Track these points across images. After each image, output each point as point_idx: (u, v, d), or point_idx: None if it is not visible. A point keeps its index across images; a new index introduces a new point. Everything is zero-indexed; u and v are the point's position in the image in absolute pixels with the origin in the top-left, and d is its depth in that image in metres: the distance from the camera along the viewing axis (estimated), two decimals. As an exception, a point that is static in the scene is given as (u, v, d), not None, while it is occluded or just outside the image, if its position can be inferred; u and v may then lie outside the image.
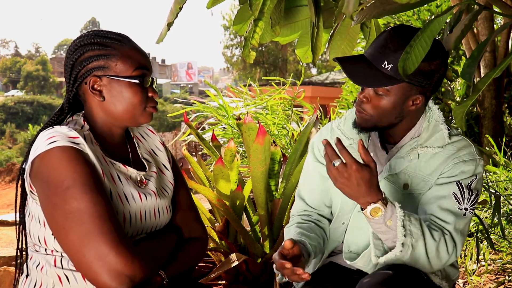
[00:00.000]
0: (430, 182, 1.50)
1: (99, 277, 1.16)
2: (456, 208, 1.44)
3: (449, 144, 1.51)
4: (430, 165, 1.50)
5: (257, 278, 2.51)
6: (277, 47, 26.49)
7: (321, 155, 1.65)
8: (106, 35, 1.33)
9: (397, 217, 1.36)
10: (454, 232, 1.43)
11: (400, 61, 1.34)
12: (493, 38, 1.61)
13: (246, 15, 1.95)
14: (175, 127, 24.72)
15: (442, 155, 1.50)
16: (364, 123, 1.51)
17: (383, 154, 1.57)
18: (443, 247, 1.40)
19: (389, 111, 1.47)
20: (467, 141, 1.53)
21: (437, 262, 1.42)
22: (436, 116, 1.54)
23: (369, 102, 1.48)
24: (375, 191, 1.36)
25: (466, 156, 1.49)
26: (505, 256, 2.79)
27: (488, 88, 4.54)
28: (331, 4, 1.89)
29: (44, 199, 1.21)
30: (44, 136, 1.23)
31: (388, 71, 1.42)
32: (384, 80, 1.43)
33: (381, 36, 1.47)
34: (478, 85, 1.34)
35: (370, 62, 1.45)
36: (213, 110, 4.02)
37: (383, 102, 1.46)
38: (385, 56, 1.43)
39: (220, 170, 2.35)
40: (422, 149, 1.51)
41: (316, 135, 1.71)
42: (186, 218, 1.49)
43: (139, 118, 1.35)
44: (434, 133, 1.52)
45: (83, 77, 1.31)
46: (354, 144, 1.59)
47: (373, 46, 1.48)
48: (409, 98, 1.46)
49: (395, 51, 1.41)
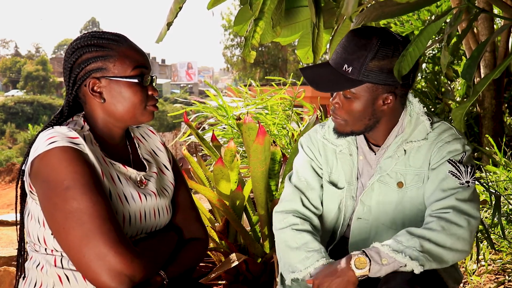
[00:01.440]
0: (423, 174, 1.51)
1: (99, 277, 1.16)
2: (457, 184, 1.45)
3: (430, 133, 1.52)
4: (418, 157, 1.51)
5: (257, 278, 2.51)
6: (277, 47, 26.47)
7: (313, 154, 1.66)
8: (103, 36, 1.32)
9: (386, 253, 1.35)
10: (458, 203, 1.41)
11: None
12: (493, 38, 1.62)
13: (247, 15, 1.95)
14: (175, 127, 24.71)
15: (426, 144, 1.52)
16: (341, 128, 1.53)
17: (372, 156, 1.58)
18: (453, 228, 1.38)
19: (361, 113, 1.48)
20: (447, 125, 1.55)
21: (461, 243, 1.39)
22: (417, 108, 1.55)
23: (341, 107, 1.50)
24: (338, 262, 1.40)
25: (448, 137, 1.51)
26: (505, 256, 2.79)
27: (488, 88, 4.54)
28: (332, 4, 1.89)
29: (44, 199, 1.21)
30: (44, 137, 1.23)
31: (349, 74, 1.44)
32: (346, 83, 1.44)
33: (342, 40, 1.49)
34: (476, 87, 1.34)
35: (333, 67, 1.47)
36: (213, 110, 4.01)
37: (354, 105, 1.48)
38: (345, 59, 1.45)
39: (220, 170, 2.35)
40: (407, 144, 1.52)
41: (304, 138, 1.71)
42: (186, 218, 1.49)
43: (140, 117, 1.35)
44: (416, 126, 1.53)
45: (82, 79, 1.31)
46: (344, 150, 1.60)
47: (336, 51, 1.50)
48: (378, 97, 1.47)
49: (353, 53, 1.43)
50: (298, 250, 1.53)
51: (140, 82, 1.32)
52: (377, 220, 1.56)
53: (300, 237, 1.55)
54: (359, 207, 1.57)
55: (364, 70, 1.42)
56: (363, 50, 1.42)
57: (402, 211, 1.53)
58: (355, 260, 1.36)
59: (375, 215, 1.55)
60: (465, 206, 1.42)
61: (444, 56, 1.78)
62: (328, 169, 1.64)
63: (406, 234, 1.39)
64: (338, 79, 1.45)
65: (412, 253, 1.35)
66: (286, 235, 1.58)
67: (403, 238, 1.38)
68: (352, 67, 1.43)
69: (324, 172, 1.65)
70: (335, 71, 1.46)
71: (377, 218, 1.56)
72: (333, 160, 1.63)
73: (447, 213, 1.40)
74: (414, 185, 1.52)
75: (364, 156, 1.59)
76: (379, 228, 1.56)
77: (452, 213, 1.40)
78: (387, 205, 1.54)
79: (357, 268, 1.36)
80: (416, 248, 1.36)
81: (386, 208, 1.54)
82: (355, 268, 1.36)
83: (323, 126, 1.68)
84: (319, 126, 1.70)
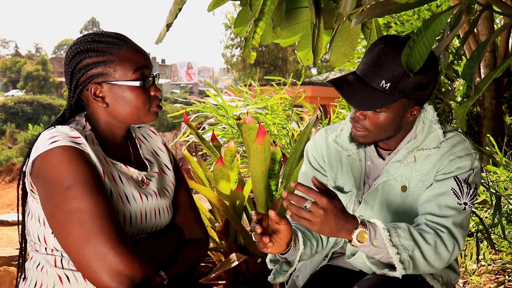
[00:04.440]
0: (428, 181, 1.49)
1: (99, 277, 1.16)
2: (455, 204, 1.43)
3: (443, 142, 1.50)
4: (426, 164, 1.50)
5: (257, 278, 2.51)
6: (277, 47, 26.46)
7: (317, 162, 1.65)
8: (102, 39, 1.31)
9: (383, 238, 1.34)
10: (453, 227, 1.41)
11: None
12: (494, 38, 1.61)
13: (247, 17, 1.95)
14: (175, 127, 24.70)
15: (437, 153, 1.49)
16: (362, 139, 1.48)
17: (380, 161, 1.57)
18: (442, 248, 1.39)
19: (388, 126, 1.45)
20: (461, 136, 1.51)
21: (439, 263, 1.41)
22: (431, 116, 1.52)
23: (366, 119, 1.45)
24: (351, 217, 1.32)
25: (461, 151, 1.48)
26: (505, 256, 2.79)
27: (488, 88, 4.54)
28: (332, 5, 1.89)
29: (44, 199, 1.21)
30: (46, 136, 1.23)
31: (386, 90, 1.38)
32: (382, 99, 1.39)
33: (374, 51, 1.41)
34: (479, 86, 1.34)
35: (363, 80, 1.41)
36: (213, 110, 4.01)
37: (382, 119, 1.43)
38: (381, 74, 1.38)
39: (220, 170, 2.35)
40: (418, 151, 1.49)
41: (310, 143, 1.69)
42: (187, 219, 1.49)
43: (144, 119, 1.36)
44: (428, 134, 1.51)
45: (84, 84, 1.31)
46: (354, 155, 1.58)
47: (366, 63, 1.42)
48: (408, 111, 1.44)
49: (392, 69, 1.37)
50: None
51: (141, 84, 1.32)
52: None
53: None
54: (362, 206, 1.57)
55: (402, 86, 1.37)
56: (401, 66, 1.34)
57: (403, 215, 1.53)
58: (358, 233, 1.33)
59: (376, 215, 1.55)
60: (457, 232, 1.42)
61: (444, 56, 1.77)
62: (333, 175, 1.63)
63: (406, 231, 1.38)
64: (374, 95, 1.39)
65: (402, 253, 1.35)
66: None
67: (402, 234, 1.37)
68: (390, 83, 1.37)
69: (329, 179, 1.64)
70: (370, 86, 1.40)
71: (378, 218, 1.56)
72: (337, 165, 1.62)
73: (443, 232, 1.41)
74: (417, 191, 1.51)
75: (372, 161, 1.58)
76: None
77: (446, 234, 1.40)
78: (389, 207, 1.54)
79: (357, 239, 1.33)
80: (408, 251, 1.36)
81: (388, 210, 1.54)
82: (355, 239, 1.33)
83: (333, 130, 1.64)
84: (325, 130, 1.66)
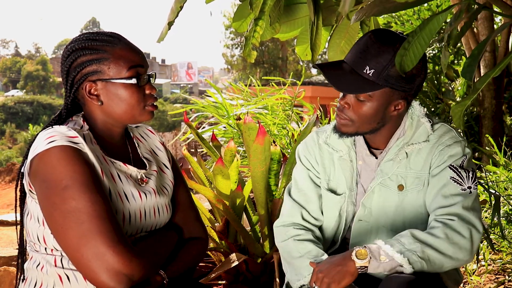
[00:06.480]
0: (424, 177, 1.50)
1: (98, 276, 1.16)
2: (459, 190, 1.44)
3: (431, 135, 1.52)
4: (419, 160, 1.51)
5: (257, 278, 2.51)
6: (277, 47, 26.49)
7: (310, 163, 1.65)
8: (96, 37, 1.31)
9: (387, 252, 1.36)
10: (464, 211, 1.41)
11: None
12: (493, 37, 1.61)
13: (246, 12, 1.94)
14: (175, 127, 24.72)
15: (427, 146, 1.51)
16: (344, 128, 1.50)
17: (372, 160, 1.57)
18: (456, 237, 1.38)
19: (371, 116, 1.47)
20: (446, 126, 1.54)
21: (462, 254, 1.39)
22: (417, 111, 1.54)
23: (350, 108, 1.47)
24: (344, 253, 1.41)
25: (448, 140, 1.50)
26: (505, 256, 2.79)
27: (488, 88, 4.54)
28: (331, 2, 1.88)
29: (43, 199, 1.21)
30: (43, 136, 1.23)
31: (370, 76, 1.42)
32: (366, 86, 1.42)
33: (361, 40, 1.47)
34: (476, 85, 1.34)
35: (351, 67, 1.45)
36: (213, 110, 4.01)
37: (365, 108, 1.46)
38: (366, 61, 1.42)
39: (220, 170, 2.35)
40: (408, 147, 1.51)
41: (301, 146, 1.69)
42: (186, 218, 1.49)
43: (139, 117, 1.35)
44: (417, 128, 1.53)
45: (79, 82, 1.31)
46: (345, 156, 1.59)
47: (354, 51, 1.47)
48: (391, 103, 1.47)
49: (376, 56, 1.41)
50: (301, 258, 1.55)
51: (136, 82, 1.32)
52: (377, 222, 1.56)
53: (302, 246, 1.57)
54: (360, 210, 1.57)
55: (386, 74, 1.41)
56: (387, 54, 1.41)
57: (402, 214, 1.53)
58: (356, 251, 1.37)
59: (375, 217, 1.55)
60: (469, 215, 1.41)
61: (444, 56, 1.77)
62: (326, 177, 1.63)
63: (409, 237, 1.39)
64: (358, 80, 1.43)
65: (411, 257, 1.35)
66: (289, 246, 1.60)
67: (406, 240, 1.38)
68: (374, 70, 1.41)
69: (322, 181, 1.64)
70: (354, 71, 1.44)
71: (378, 220, 1.56)
72: (330, 166, 1.63)
73: (453, 221, 1.40)
74: (415, 188, 1.51)
75: (363, 161, 1.58)
76: (379, 230, 1.57)
77: (457, 221, 1.40)
78: (387, 208, 1.54)
79: (357, 258, 1.36)
80: (417, 253, 1.36)
81: (386, 211, 1.54)
82: (355, 258, 1.36)
83: (323, 132, 1.65)
84: (315, 133, 1.68)
